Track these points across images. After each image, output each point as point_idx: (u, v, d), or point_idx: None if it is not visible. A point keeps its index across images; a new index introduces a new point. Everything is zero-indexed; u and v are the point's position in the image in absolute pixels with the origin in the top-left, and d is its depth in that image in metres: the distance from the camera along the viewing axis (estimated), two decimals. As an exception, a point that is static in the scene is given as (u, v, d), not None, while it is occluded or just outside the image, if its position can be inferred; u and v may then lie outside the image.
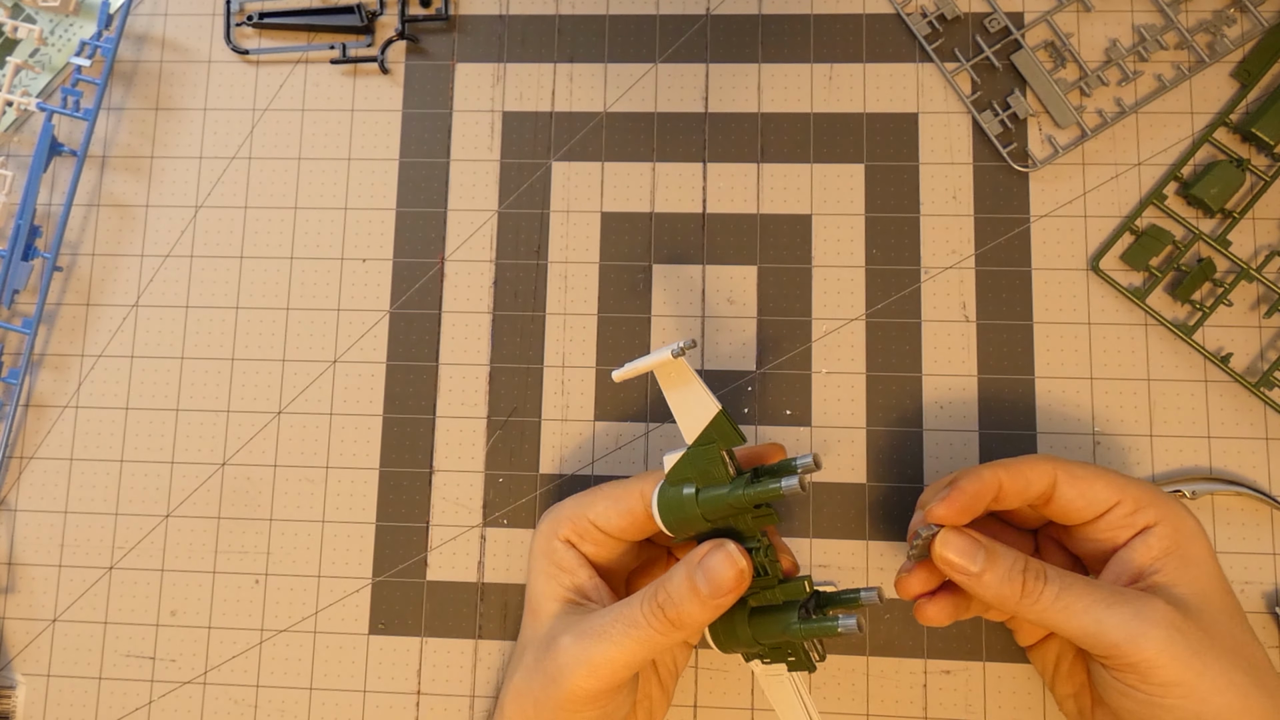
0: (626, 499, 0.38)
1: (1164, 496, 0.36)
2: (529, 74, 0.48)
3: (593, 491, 0.39)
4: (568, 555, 0.39)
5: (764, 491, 0.33)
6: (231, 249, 0.48)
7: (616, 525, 0.38)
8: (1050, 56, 0.47)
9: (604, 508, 0.38)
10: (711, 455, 0.35)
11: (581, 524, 0.39)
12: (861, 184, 0.46)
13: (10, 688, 0.46)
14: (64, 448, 0.47)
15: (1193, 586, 0.35)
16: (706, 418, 0.34)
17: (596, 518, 0.38)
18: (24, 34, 0.50)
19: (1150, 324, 0.45)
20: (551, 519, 0.40)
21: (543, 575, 0.39)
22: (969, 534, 0.35)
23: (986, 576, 0.34)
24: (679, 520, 0.35)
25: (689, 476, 0.35)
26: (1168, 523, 0.35)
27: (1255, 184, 0.45)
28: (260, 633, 0.45)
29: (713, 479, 0.35)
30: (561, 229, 0.47)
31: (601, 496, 0.39)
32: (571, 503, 0.40)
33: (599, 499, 0.39)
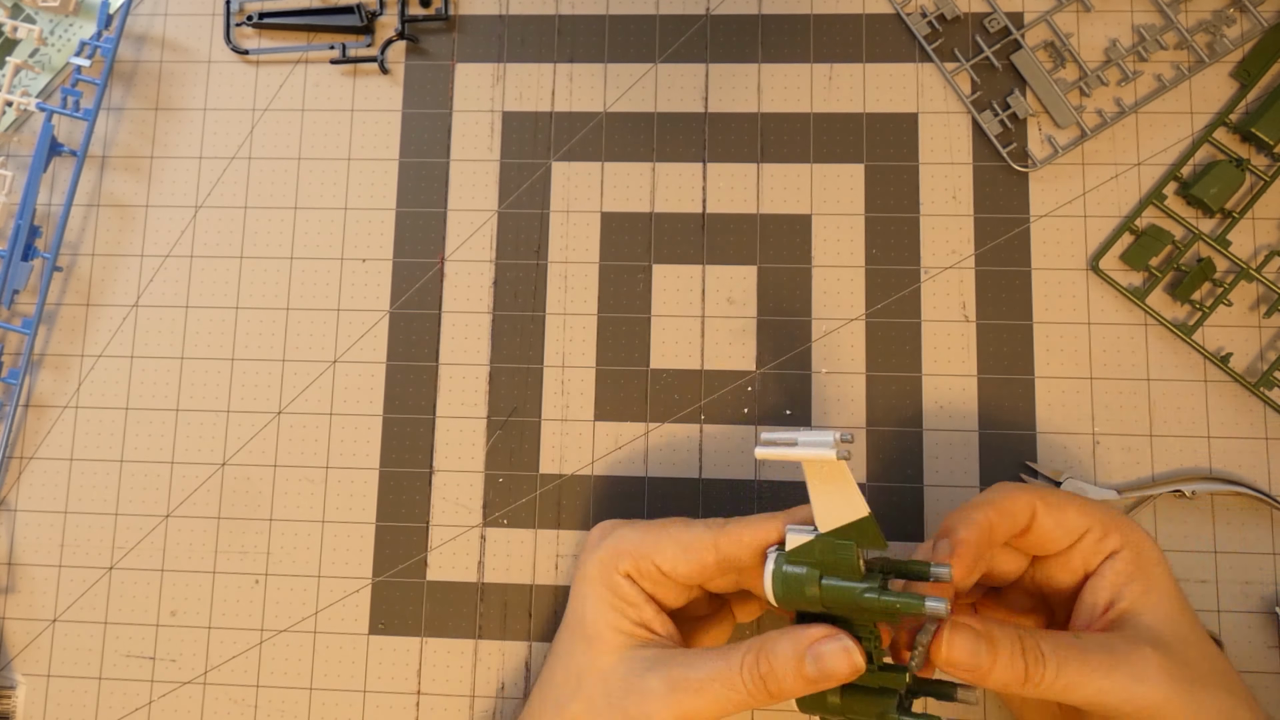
0: (698, 551, 0.37)
1: (1125, 520, 0.37)
2: (529, 74, 0.48)
3: (658, 531, 0.38)
4: (630, 590, 0.38)
5: (907, 605, 0.32)
6: (231, 249, 0.48)
7: (683, 573, 0.37)
8: (1050, 56, 0.47)
9: (672, 554, 0.37)
10: (846, 549, 0.34)
11: (645, 564, 0.37)
12: (861, 184, 0.46)
13: (10, 688, 0.46)
14: (64, 448, 0.47)
15: (1158, 611, 0.35)
16: (851, 516, 0.33)
17: (663, 563, 0.37)
18: (24, 34, 0.50)
19: (1150, 324, 0.45)
20: (611, 550, 0.38)
21: (603, 604, 0.38)
22: (968, 627, 0.34)
23: (993, 672, 0.33)
24: (793, 598, 0.34)
25: (814, 560, 0.34)
26: (1130, 547, 0.36)
27: (1255, 184, 0.45)
28: (260, 633, 0.45)
29: (840, 570, 0.34)
30: (561, 229, 0.47)
31: (670, 541, 0.37)
32: (634, 538, 0.38)
33: (666, 543, 0.37)
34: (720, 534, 0.36)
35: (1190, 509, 0.43)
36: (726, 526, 0.37)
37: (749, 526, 0.36)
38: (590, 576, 0.38)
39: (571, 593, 0.40)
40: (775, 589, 0.34)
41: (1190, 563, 0.43)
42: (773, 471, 0.45)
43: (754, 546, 0.36)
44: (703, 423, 0.45)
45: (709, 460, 0.45)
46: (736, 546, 0.36)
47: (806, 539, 0.34)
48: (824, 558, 0.34)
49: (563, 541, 0.45)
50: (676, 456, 0.45)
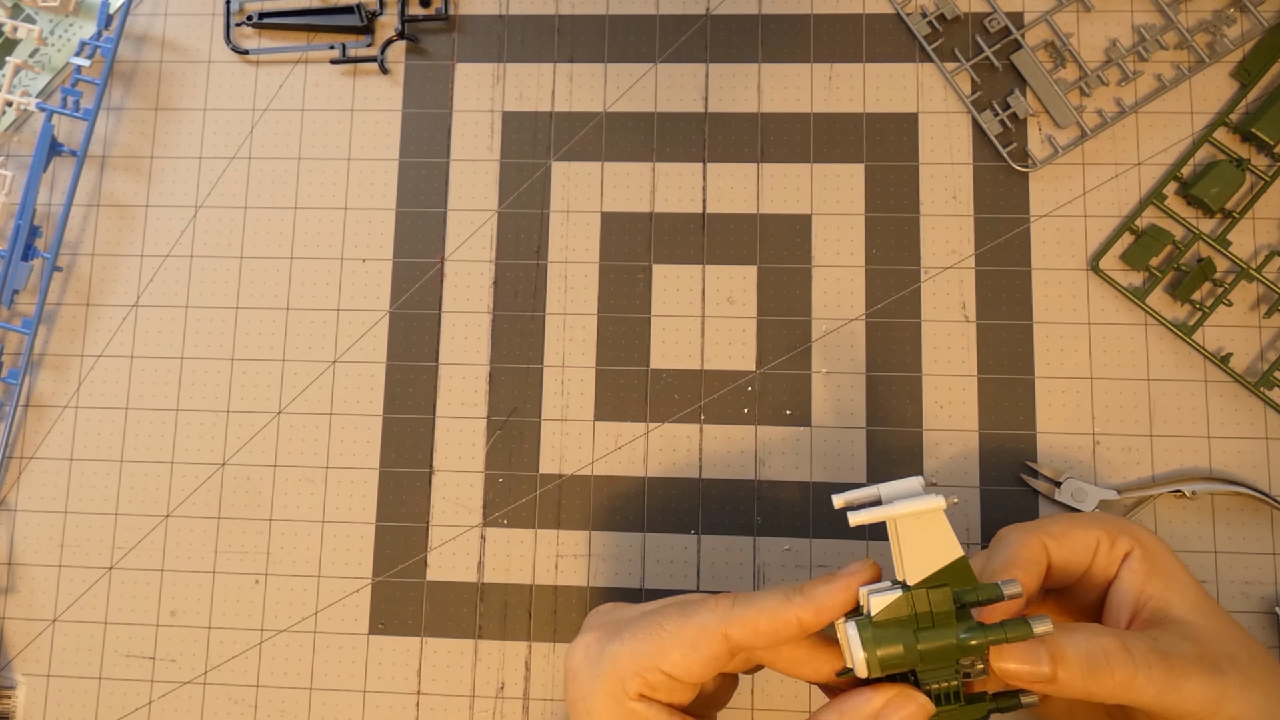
0: (707, 645, 0.32)
1: (1125, 522, 0.36)
2: (529, 74, 0.48)
3: (655, 633, 0.33)
4: (651, 712, 0.33)
5: (1017, 633, 0.30)
6: (231, 249, 0.48)
7: (697, 673, 0.32)
8: (1050, 56, 0.47)
9: (680, 657, 0.32)
10: (941, 598, 0.31)
11: (654, 677, 0.32)
12: (861, 184, 0.46)
13: (10, 688, 0.46)
14: (64, 448, 0.47)
15: (1185, 602, 0.34)
16: (944, 560, 0.31)
17: (673, 669, 0.32)
18: (24, 34, 0.50)
19: (1150, 324, 0.45)
20: (614, 676, 0.33)
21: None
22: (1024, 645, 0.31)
23: (1062, 676, 0.31)
24: (893, 665, 0.31)
25: (907, 615, 0.31)
26: (1139, 546, 0.35)
27: (1255, 184, 0.45)
28: (260, 633, 0.45)
29: (936, 619, 0.31)
30: (561, 229, 0.47)
31: (673, 642, 0.32)
32: (633, 651, 0.33)
33: (670, 647, 0.32)
34: (730, 622, 0.32)
35: (1190, 509, 0.43)
36: (735, 611, 0.32)
37: (763, 611, 0.32)
38: (597, 713, 0.33)
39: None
40: (872, 664, 0.31)
41: (1190, 563, 0.43)
42: (772, 471, 0.45)
43: (771, 631, 0.32)
44: (703, 423, 0.45)
45: (709, 460, 0.45)
46: (752, 634, 0.32)
47: (893, 598, 0.31)
48: (917, 609, 0.31)
49: (563, 542, 0.45)
50: (676, 456, 0.45)
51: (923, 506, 0.31)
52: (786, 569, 0.44)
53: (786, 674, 0.34)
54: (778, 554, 0.44)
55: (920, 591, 0.31)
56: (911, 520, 0.31)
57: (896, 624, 0.31)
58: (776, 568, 0.44)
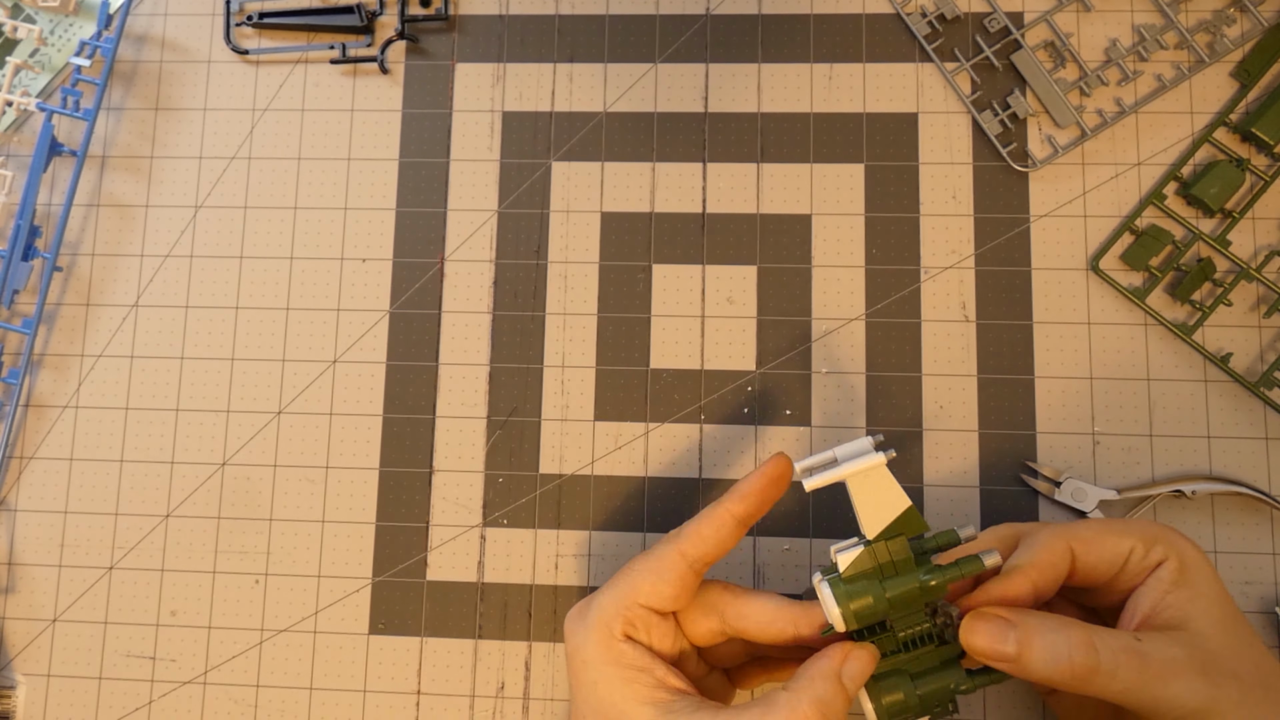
0: (670, 568, 0.36)
1: (1166, 529, 0.36)
2: (529, 74, 0.48)
3: (624, 575, 0.36)
4: (635, 653, 0.35)
5: (969, 568, 0.34)
6: (231, 249, 0.48)
7: (670, 596, 0.36)
8: (1050, 56, 0.47)
9: (650, 586, 0.36)
10: (899, 547, 0.34)
11: (634, 612, 0.36)
12: (861, 184, 0.46)
13: (10, 688, 0.46)
14: (64, 448, 0.47)
15: (1206, 617, 0.34)
16: (895, 512, 0.34)
17: (647, 599, 0.36)
18: (24, 34, 0.50)
19: (1150, 324, 0.45)
20: (600, 621, 0.36)
21: (617, 682, 0.35)
22: (993, 616, 0.33)
23: (1026, 658, 0.33)
24: (866, 617, 0.34)
25: (871, 568, 0.34)
26: (1174, 555, 0.35)
27: (1255, 184, 0.45)
28: (260, 633, 0.45)
29: (898, 568, 0.34)
30: (561, 229, 0.47)
31: (640, 574, 0.36)
32: (610, 596, 0.36)
33: (639, 579, 0.36)
34: (680, 540, 0.36)
35: (1190, 509, 0.43)
36: (683, 531, 0.36)
37: (703, 520, 0.36)
38: (591, 660, 0.36)
39: (578, 690, 0.37)
40: (848, 617, 0.34)
41: (1190, 563, 0.43)
42: (773, 471, 0.45)
43: (714, 535, 0.36)
44: (703, 423, 0.45)
45: (709, 460, 0.45)
46: (700, 542, 0.36)
47: (856, 553, 0.34)
48: (879, 560, 0.34)
49: (563, 541, 0.45)
50: (676, 456, 0.45)
51: (865, 464, 0.33)
52: (786, 568, 0.44)
53: (759, 640, 0.36)
54: (777, 554, 0.44)
55: (880, 544, 0.34)
56: (859, 479, 0.34)
57: (864, 577, 0.34)
58: (776, 567, 0.44)
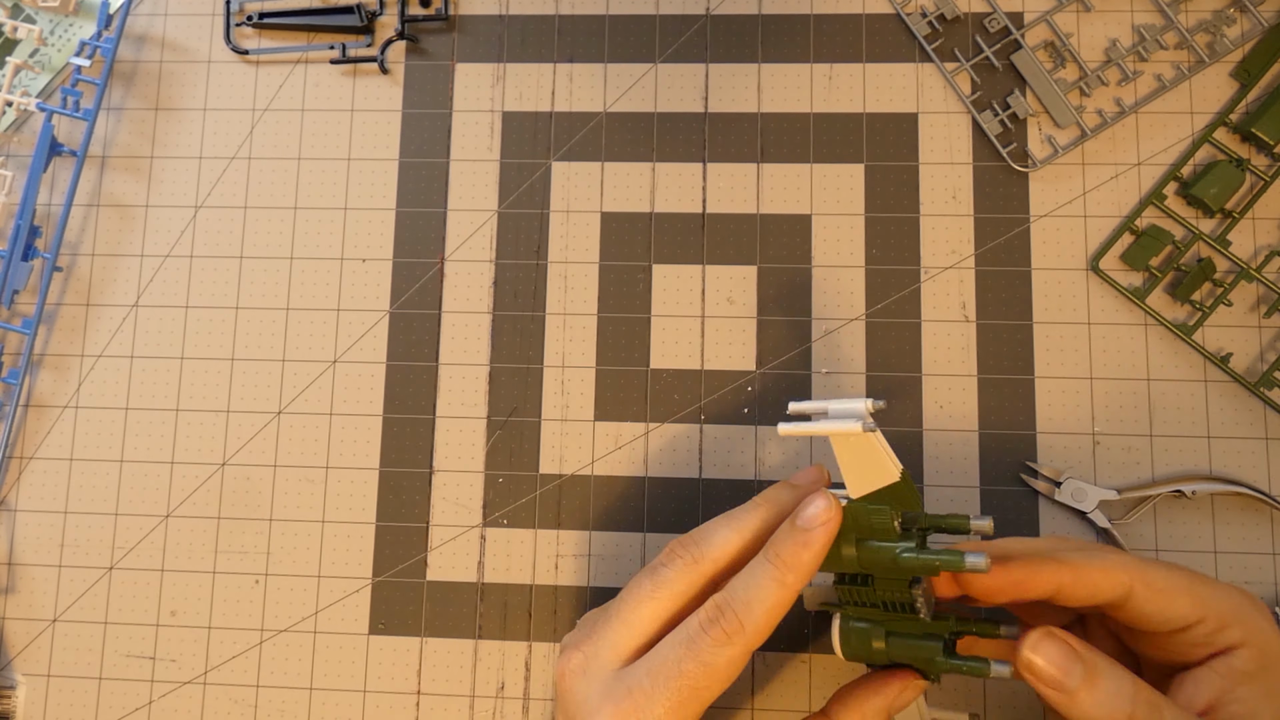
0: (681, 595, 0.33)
1: (1252, 611, 0.32)
2: (529, 74, 0.48)
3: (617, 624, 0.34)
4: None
5: (946, 562, 0.32)
6: (231, 249, 0.48)
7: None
8: (1050, 56, 0.47)
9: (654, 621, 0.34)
10: (880, 514, 0.33)
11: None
12: (861, 184, 0.46)
13: (10, 688, 0.46)
14: (64, 448, 0.47)
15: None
16: (884, 481, 0.33)
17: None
18: (24, 34, 0.50)
19: (1150, 324, 0.45)
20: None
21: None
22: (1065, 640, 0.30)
23: (1083, 697, 0.30)
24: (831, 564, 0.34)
25: (849, 525, 0.34)
26: (1253, 645, 0.31)
27: (1255, 184, 0.45)
28: (260, 633, 0.45)
29: (876, 534, 0.33)
30: (561, 229, 0.47)
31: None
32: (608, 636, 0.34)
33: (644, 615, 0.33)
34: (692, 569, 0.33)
35: (1190, 509, 0.43)
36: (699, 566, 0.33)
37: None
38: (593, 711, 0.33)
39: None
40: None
41: (1190, 563, 0.43)
42: (772, 471, 0.45)
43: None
44: (703, 423, 0.45)
45: (709, 460, 0.45)
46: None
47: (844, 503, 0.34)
48: (858, 522, 0.33)
49: (563, 541, 0.45)
50: (676, 456, 0.45)
51: (839, 429, 0.32)
52: (786, 569, 0.44)
53: None
54: (778, 554, 0.44)
55: (860, 506, 0.33)
56: (841, 441, 0.33)
57: (845, 529, 0.33)
58: (776, 568, 0.44)
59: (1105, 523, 0.43)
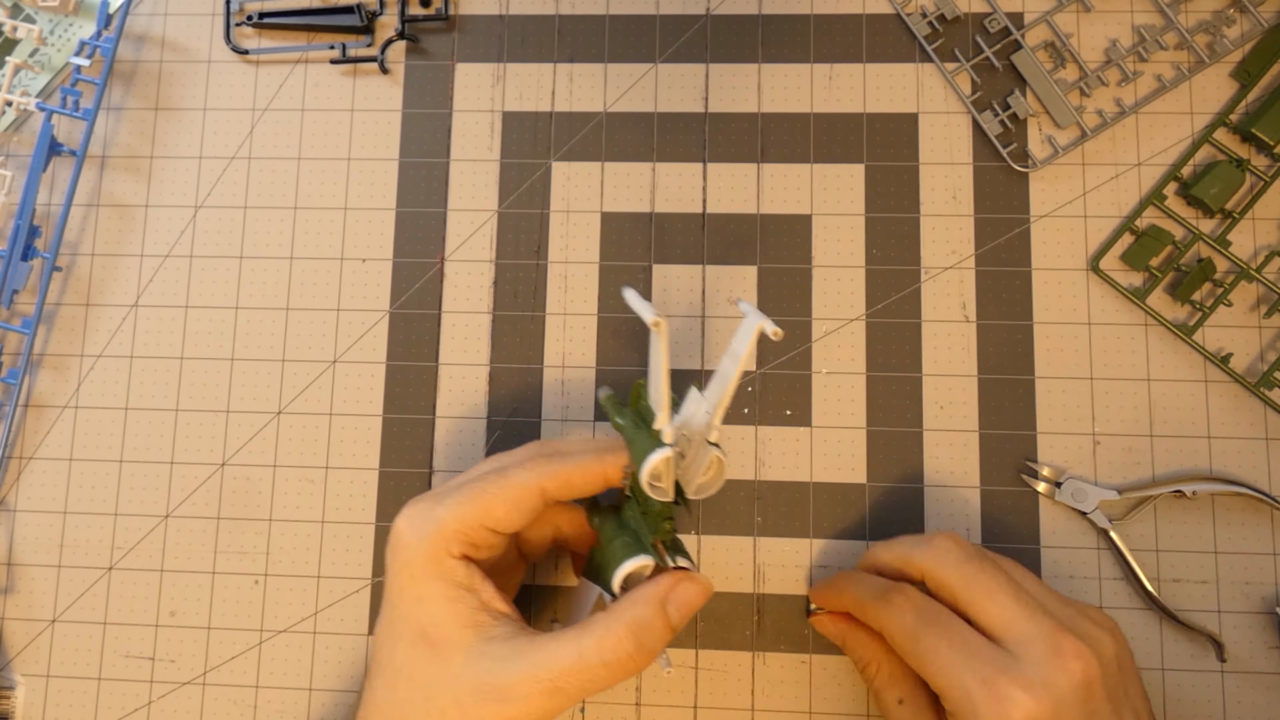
0: (527, 500, 0.35)
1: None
2: (529, 74, 0.48)
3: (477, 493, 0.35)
4: (466, 573, 0.35)
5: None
6: (231, 249, 0.48)
7: (518, 524, 0.36)
8: (1050, 57, 0.47)
9: (503, 514, 0.35)
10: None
11: (477, 534, 0.35)
12: (861, 184, 0.46)
13: (10, 688, 0.46)
14: (64, 448, 0.47)
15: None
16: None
17: (497, 524, 0.35)
18: (24, 34, 0.50)
19: (1150, 324, 0.45)
20: (436, 535, 0.35)
21: (441, 600, 0.34)
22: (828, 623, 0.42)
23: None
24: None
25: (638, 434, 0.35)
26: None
27: (1255, 184, 0.45)
28: (260, 633, 0.45)
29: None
30: (561, 229, 0.47)
31: (496, 502, 0.35)
32: (457, 513, 0.35)
33: (494, 505, 0.35)
34: (546, 477, 0.35)
35: (1190, 509, 0.43)
36: (550, 467, 0.36)
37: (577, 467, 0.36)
38: (418, 573, 0.35)
39: (394, 596, 0.36)
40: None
41: (1190, 563, 0.43)
42: (774, 472, 0.45)
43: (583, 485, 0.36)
44: (703, 423, 0.45)
45: (709, 460, 0.45)
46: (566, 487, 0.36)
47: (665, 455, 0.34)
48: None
49: (563, 541, 0.45)
50: (676, 456, 0.45)
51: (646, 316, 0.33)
52: (787, 569, 0.44)
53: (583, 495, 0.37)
54: (778, 554, 0.44)
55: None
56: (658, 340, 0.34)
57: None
58: (777, 567, 0.44)
59: (1105, 523, 0.43)
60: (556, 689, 0.33)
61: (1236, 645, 0.42)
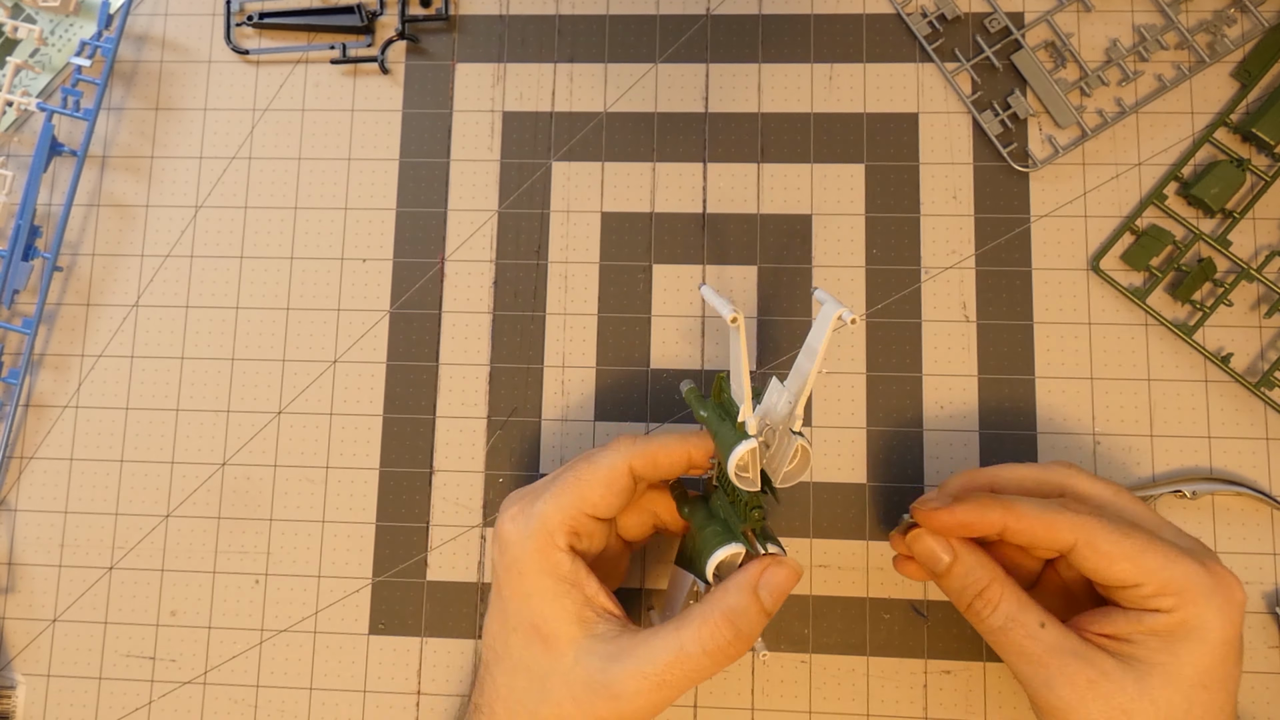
0: (618, 480, 0.36)
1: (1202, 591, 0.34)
2: (529, 74, 0.48)
3: (572, 485, 0.37)
4: (571, 566, 0.36)
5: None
6: (231, 249, 0.48)
7: (615, 507, 0.37)
8: (1050, 56, 0.47)
9: (598, 497, 0.36)
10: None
11: (578, 522, 0.36)
12: (861, 184, 0.46)
13: (10, 688, 0.46)
14: (64, 448, 0.47)
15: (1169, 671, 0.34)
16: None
17: (594, 508, 0.36)
18: (24, 34, 0.50)
19: (1150, 324, 0.45)
20: (540, 526, 0.36)
21: (550, 596, 0.36)
22: (939, 538, 0.37)
23: (946, 579, 0.37)
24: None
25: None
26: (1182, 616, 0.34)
27: (1255, 184, 0.45)
28: (260, 633, 0.45)
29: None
30: (561, 229, 0.47)
31: (590, 487, 0.36)
32: (558, 504, 0.36)
33: (590, 490, 0.36)
34: (634, 456, 0.37)
35: (1190, 509, 0.43)
36: (636, 447, 0.37)
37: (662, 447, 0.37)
38: (528, 570, 0.36)
39: (504, 592, 0.37)
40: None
41: (1190, 563, 0.43)
42: (773, 471, 0.45)
43: (667, 464, 0.37)
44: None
45: (709, 460, 0.45)
46: (652, 466, 0.37)
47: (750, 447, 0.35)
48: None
49: (563, 541, 0.45)
50: (676, 456, 0.45)
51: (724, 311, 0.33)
52: (786, 569, 0.44)
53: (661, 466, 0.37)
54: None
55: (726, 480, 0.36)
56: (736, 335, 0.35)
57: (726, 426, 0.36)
58: (776, 568, 0.44)
59: (1105, 523, 0.43)
60: (663, 683, 0.34)
61: (1237, 645, 0.42)
